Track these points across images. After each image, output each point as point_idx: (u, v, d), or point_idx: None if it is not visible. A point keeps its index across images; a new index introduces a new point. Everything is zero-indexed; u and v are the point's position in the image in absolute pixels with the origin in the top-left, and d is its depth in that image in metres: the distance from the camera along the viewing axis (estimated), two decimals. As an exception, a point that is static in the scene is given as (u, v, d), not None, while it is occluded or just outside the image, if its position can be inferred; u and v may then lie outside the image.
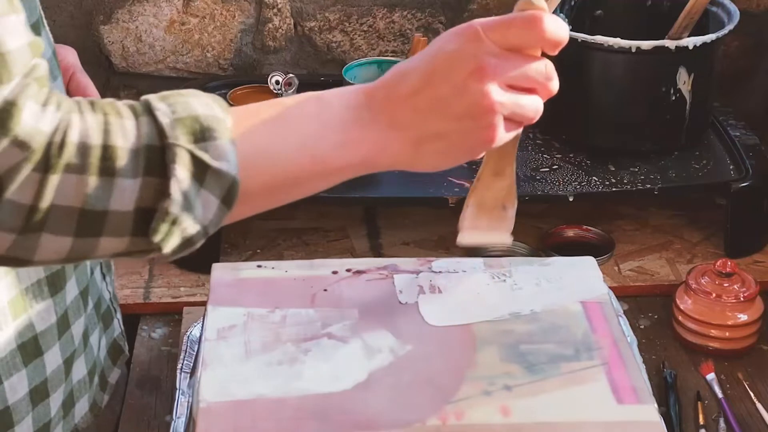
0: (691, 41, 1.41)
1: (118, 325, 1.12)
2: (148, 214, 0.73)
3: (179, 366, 1.14)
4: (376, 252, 1.45)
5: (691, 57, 1.43)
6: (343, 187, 0.85)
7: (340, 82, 1.53)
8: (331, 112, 0.79)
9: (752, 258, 1.45)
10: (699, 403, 1.18)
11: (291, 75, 1.52)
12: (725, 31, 1.44)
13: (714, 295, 1.26)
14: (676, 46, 1.41)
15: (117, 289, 1.17)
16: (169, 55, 1.73)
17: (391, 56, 1.70)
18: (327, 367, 0.95)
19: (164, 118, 0.73)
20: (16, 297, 0.92)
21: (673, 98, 1.45)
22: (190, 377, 1.10)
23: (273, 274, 1.08)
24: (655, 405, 0.93)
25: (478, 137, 0.79)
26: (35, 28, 0.87)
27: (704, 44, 1.41)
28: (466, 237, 0.99)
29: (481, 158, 0.91)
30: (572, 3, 1.58)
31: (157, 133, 0.73)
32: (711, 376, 1.22)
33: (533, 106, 0.80)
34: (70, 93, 1.07)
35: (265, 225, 1.50)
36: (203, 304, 1.06)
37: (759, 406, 1.18)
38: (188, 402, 1.04)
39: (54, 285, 0.95)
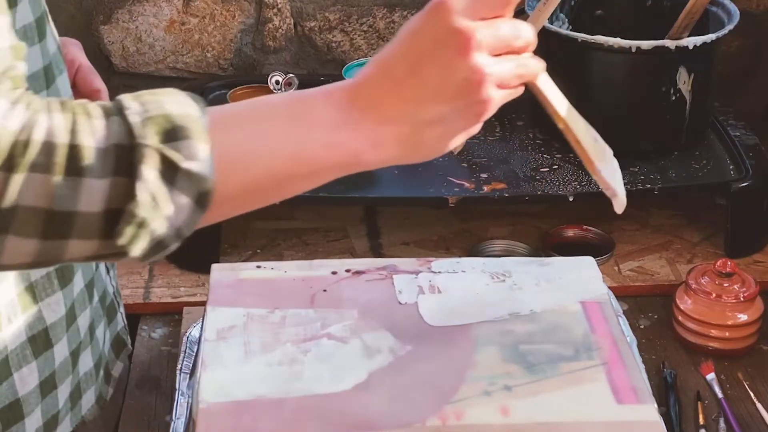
0: (691, 41, 1.41)
1: (121, 319, 1.13)
2: (119, 216, 0.70)
3: (179, 367, 1.14)
4: (376, 252, 1.45)
5: (691, 57, 1.43)
6: (343, 187, 0.84)
7: (340, 82, 1.53)
8: (315, 113, 0.76)
9: (752, 258, 1.45)
10: (699, 403, 1.18)
11: (291, 75, 1.52)
12: (725, 31, 1.44)
13: (714, 295, 1.26)
14: (676, 46, 1.41)
15: (117, 289, 1.17)
16: (169, 55, 1.73)
17: (391, 56, 1.70)
18: (327, 367, 0.95)
19: (134, 117, 0.71)
20: (25, 290, 0.92)
21: (673, 98, 1.45)
22: (190, 378, 1.10)
23: (272, 275, 1.08)
24: (655, 405, 0.93)
25: (473, 112, 0.76)
26: (40, 23, 0.88)
27: (704, 44, 1.41)
28: (619, 196, 0.88)
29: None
30: (572, 3, 1.58)
31: (126, 133, 0.70)
32: (711, 376, 1.22)
33: (526, 65, 0.77)
34: (76, 86, 1.07)
35: (265, 225, 1.49)
36: (203, 304, 1.06)
37: (759, 406, 1.18)
38: (188, 402, 1.04)
39: (63, 278, 0.95)
